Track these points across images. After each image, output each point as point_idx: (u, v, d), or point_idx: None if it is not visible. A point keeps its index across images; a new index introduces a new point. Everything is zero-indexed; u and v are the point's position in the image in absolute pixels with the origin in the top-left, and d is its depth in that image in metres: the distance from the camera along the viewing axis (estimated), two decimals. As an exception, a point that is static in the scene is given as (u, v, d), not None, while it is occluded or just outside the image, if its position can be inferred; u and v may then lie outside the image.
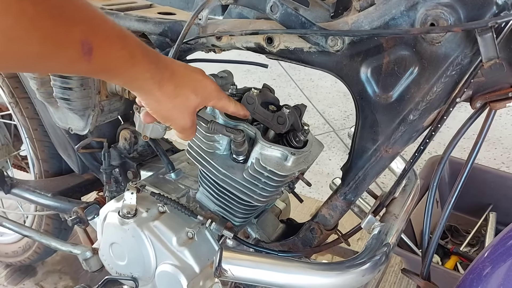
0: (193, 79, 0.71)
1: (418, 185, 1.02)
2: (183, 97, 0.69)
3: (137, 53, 0.59)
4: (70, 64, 0.51)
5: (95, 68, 0.54)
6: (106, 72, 0.58)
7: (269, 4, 0.77)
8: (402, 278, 1.72)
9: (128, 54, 0.58)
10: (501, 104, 0.69)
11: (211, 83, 0.73)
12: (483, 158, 2.46)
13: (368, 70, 0.75)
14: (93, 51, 0.51)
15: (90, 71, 0.55)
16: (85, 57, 0.50)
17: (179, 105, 0.69)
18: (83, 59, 0.50)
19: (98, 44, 0.51)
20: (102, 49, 0.53)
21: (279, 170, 0.79)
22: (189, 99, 0.70)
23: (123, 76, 0.61)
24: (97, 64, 0.53)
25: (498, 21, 0.59)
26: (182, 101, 0.69)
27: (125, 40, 0.58)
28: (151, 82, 0.64)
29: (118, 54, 0.56)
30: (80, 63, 0.51)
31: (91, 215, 1.21)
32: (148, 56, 0.62)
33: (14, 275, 1.75)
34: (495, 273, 0.71)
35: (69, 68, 0.53)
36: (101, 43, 0.52)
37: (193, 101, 0.70)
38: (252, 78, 3.51)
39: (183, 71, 0.70)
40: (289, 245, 0.94)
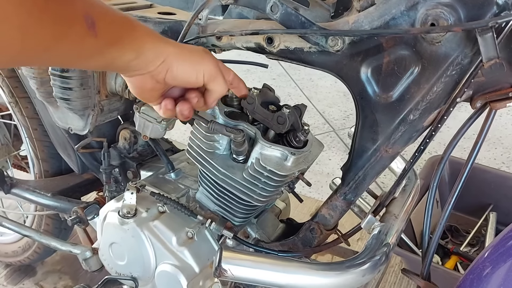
0: (195, 49, 0.71)
1: (418, 185, 1.02)
2: (194, 50, 0.69)
3: (136, 23, 0.62)
4: (80, 42, 0.52)
5: (104, 42, 0.56)
6: (115, 43, 0.58)
7: (269, 4, 0.77)
8: (402, 278, 1.72)
9: (128, 21, 0.60)
10: (501, 104, 0.69)
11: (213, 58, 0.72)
12: (483, 158, 2.46)
13: (368, 70, 0.75)
14: (96, 24, 0.53)
15: (99, 48, 0.56)
16: (90, 31, 0.52)
17: (195, 50, 0.69)
18: (89, 33, 0.52)
19: (98, 17, 0.54)
20: (103, 21, 0.55)
21: (279, 170, 0.79)
22: (199, 51, 0.69)
23: (133, 44, 0.61)
24: (104, 36, 0.55)
25: (499, 21, 0.59)
26: (197, 50, 0.69)
27: (120, 12, 0.60)
28: (163, 43, 0.64)
29: (120, 22, 0.59)
30: (88, 39, 0.53)
31: (91, 215, 1.21)
32: (144, 26, 0.64)
33: (13, 275, 1.75)
34: (495, 273, 0.71)
35: (81, 48, 0.54)
36: (100, 15, 0.54)
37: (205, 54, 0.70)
38: (252, 78, 3.51)
39: (182, 45, 0.70)
40: (289, 245, 0.94)
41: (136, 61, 0.63)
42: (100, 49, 0.57)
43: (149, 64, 0.65)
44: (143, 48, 0.63)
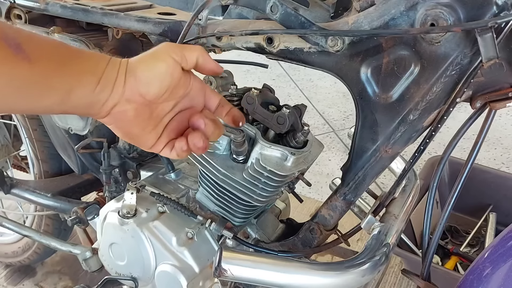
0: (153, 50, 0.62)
1: (418, 185, 1.02)
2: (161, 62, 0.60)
3: (72, 48, 0.54)
4: (9, 67, 0.46)
5: (45, 68, 0.49)
6: (62, 67, 0.51)
7: (269, 4, 0.77)
8: (402, 279, 1.72)
9: (65, 45, 0.53)
10: (501, 104, 0.69)
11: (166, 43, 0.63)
12: (483, 158, 2.46)
13: (368, 70, 0.75)
14: (22, 46, 0.47)
15: (43, 75, 0.49)
16: (18, 54, 0.46)
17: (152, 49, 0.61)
18: (18, 57, 0.46)
19: (23, 39, 0.47)
20: (32, 43, 0.48)
21: (279, 170, 0.79)
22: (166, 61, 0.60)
23: (86, 65, 0.54)
24: (41, 61, 0.48)
25: (498, 21, 0.59)
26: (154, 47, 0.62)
27: (52, 40, 0.53)
28: (113, 57, 0.57)
29: (54, 45, 0.52)
30: (19, 63, 0.46)
31: (90, 215, 1.21)
32: (85, 51, 0.57)
33: (13, 276, 1.75)
34: (495, 273, 0.71)
35: (13, 77, 0.47)
36: (27, 38, 0.48)
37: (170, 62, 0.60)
38: (252, 78, 3.51)
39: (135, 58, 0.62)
40: (289, 245, 0.94)
41: (100, 87, 0.55)
42: (44, 78, 0.50)
43: (116, 84, 0.56)
44: (99, 66, 0.55)
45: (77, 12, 1.07)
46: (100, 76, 0.55)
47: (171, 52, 0.60)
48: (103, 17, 1.04)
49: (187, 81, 0.63)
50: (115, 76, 0.56)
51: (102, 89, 0.55)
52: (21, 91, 0.49)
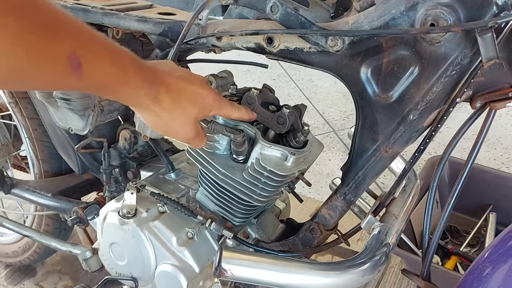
0: (190, 91, 0.70)
1: (418, 185, 1.02)
2: (180, 109, 0.68)
3: (129, 70, 0.58)
4: (59, 80, 0.49)
5: (87, 85, 0.53)
6: (99, 89, 0.57)
7: (269, 4, 0.77)
8: (402, 279, 1.72)
9: (120, 71, 0.57)
10: (501, 104, 0.69)
11: (210, 92, 0.72)
12: (483, 158, 2.46)
13: (368, 70, 0.75)
14: (82, 67, 0.49)
15: (81, 88, 0.54)
16: (74, 73, 0.49)
17: (178, 117, 0.68)
18: (73, 75, 0.49)
19: (87, 60, 0.50)
20: (92, 65, 0.51)
21: (279, 170, 0.79)
22: (187, 111, 0.69)
23: (117, 93, 0.60)
24: (88, 80, 0.52)
25: (498, 21, 0.59)
26: (180, 113, 0.68)
27: (117, 56, 0.56)
28: (146, 99, 0.63)
29: (109, 71, 0.55)
30: (69, 79, 0.49)
31: (91, 215, 1.21)
32: (142, 72, 0.61)
33: (14, 275, 1.75)
34: (495, 273, 0.71)
35: (59, 85, 0.52)
36: (91, 59, 0.51)
37: (192, 112, 0.70)
38: (252, 78, 3.51)
39: (179, 83, 0.68)
40: (289, 245, 0.94)
41: (121, 102, 0.63)
42: (82, 89, 0.55)
43: (133, 108, 0.66)
44: (128, 101, 0.63)
45: (77, 12, 1.07)
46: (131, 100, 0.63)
47: (207, 110, 0.73)
48: (103, 17, 1.04)
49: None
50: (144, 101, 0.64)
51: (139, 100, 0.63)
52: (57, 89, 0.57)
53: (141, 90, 0.61)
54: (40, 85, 0.53)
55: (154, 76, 0.64)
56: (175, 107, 0.67)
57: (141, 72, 0.60)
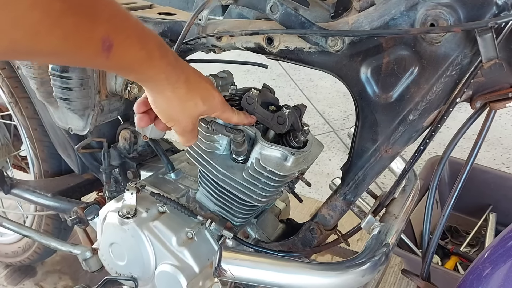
0: (204, 87, 0.72)
1: (418, 185, 1.02)
2: (192, 102, 0.70)
3: (155, 54, 0.60)
4: (88, 59, 0.52)
5: (112, 65, 0.55)
6: (123, 69, 0.59)
7: (269, 4, 0.77)
8: (402, 279, 1.72)
9: (147, 55, 0.58)
10: (501, 104, 0.69)
11: (219, 95, 0.74)
12: (483, 158, 2.46)
13: (368, 70, 0.75)
14: (112, 49, 0.51)
15: (106, 67, 0.56)
16: (104, 53, 0.51)
17: (188, 109, 0.70)
18: (102, 55, 0.51)
19: (118, 43, 0.52)
20: (122, 48, 0.53)
21: (279, 170, 0.79)
22: (197, 105, 0.70)
23: (139, 75, 0.62)
24: (115, 61, 0.54)
25: (498, 22, 0.59)
26: (191, 106, 0.70)
27: (146, 40, 0.58)
28: (165, 83, 0.64)
29: (137, 54, 0.57)
30: (98, 59, 0.51)
31: (91, 215, 1.21)
32: (167, 57, 0.62)
33: (14, 275, 1.75)
34: (495, 274, 0.71)
35: (87, 62, 0.54)
36: (122, 42, 0.53)
37: (200, 108, 0.71)
38: (252, 78, 3.51)
39: (197, 77, 0.71)
40: (288, 245, 0.94)
41: (139, 82, 0.66)
42: (106, 67, 0.57)
43: (148, 90, 0.67)
44: (146, 83, 0.65)
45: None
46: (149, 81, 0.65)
47: (212, 110, 0.74)
48: (103, 17, 1.04)
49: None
50: (163, 85, 0.66)
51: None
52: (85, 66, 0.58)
53: (163, 74, 0.63)
54: (69, 61, 0.55)
55: (177, 63, 0.65)
56: (189, 98, 0.69)
57: (166, 57, 0.62)
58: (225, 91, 0.89)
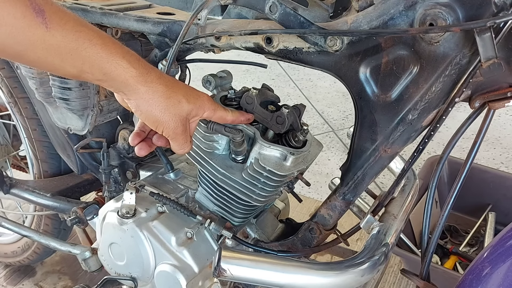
0: (184, 86, 0.71)
1: (417, 185, 1.02)
2: (174, 99, 0.68)
3: (108, 43, 0.60)
4: (26, 25, 0.51)
5: (58, 41, 0.54)
6: (74, 52, 0.56)
7: (268, 4, 0.77)
8: (402, 278, 1.72)
9: (96, 35, 0.58)
10: (500, 103, 0.69)
11: (204, 94, 0.73)
12: (482, 158, 2.46)
13: (367, 70, 0.75)
14: (45, 14, 0.51)
15: (54, 45, 0.54)
16: (38, 18, 0.50)
17: (171, 107, 0.68)
18: (37, 21, 0.51)
19: (49, 9, 0.52)
20: (57, 17, 0.53)
21: (278, 170, 0.79)
22: (181, 103, 0.69)
23: (99, 66, 0.60)
24: (58, 34, 0.53)
25: (497, 21, 0.59)
26: (174, 103, 0.68)
27: (85, 24, 0.58)
28: (136, 80, 0.63)
29: (78, 30, 0.56)
30: (37, 27, 0.51)
31: (90, 215, 1.21)
32: (128, 53, 0.62)
33: (13, 275, 1.75)
34: (494, 273, 0.71)
35: (27, 31, 0.52)
36: (53, 10, 0.53)
37: (185, 106, 0.69)
38: (251, 78, 3.51)
39: (171, 77, 0.70)
40: (288, 245, 0.94)
41: (110, 83, 0.63)
42: (54, 48, 0.55)
43: (123, 93, 0.65)
44: (116, 80, 0.63)
45: (76, 12, 1.07)
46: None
47: (200, 110, 0.73)
48: (102, 17, 1.04)
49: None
50: (135, 82, 0.64)
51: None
52: (40, 52, 0.54)
53: (131, 68, 0.62)
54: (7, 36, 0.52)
55: (144, 62, 0.65)
56: (169, 94, 0.67)
57: (128, 53, 0.62)
58: (224, 91, 0.89)
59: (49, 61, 0.56)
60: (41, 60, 0.56)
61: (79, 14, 1.07)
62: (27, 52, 0.54)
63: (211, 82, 0.96)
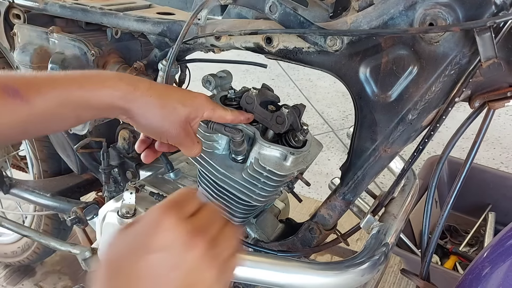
0: (178, 91, 0.71)
1: (417, 185, 1.02)
2: (170, 107, 0.68)
3: (83, 81, 0.62)
4: (11, 111, 0.54)
5: (43, 107, 0.57)
6: (61, 106, 0.59)
7: (268, 4, 0.77)
8: (402, 278, 1.72)
9: (70, 80, 0.60)
10: (500, 103, 0.69)
11: (200, 94, 0.73)
12: (482, 158, 2.46)
13: (367, 69, 0.75)
14: (20, 91, 0.54)
15: (42, 111, 0.57)
16: (16, 99, 0.54)
17: (168, 115, 0.68)
18: (17, 102, 0.54)
19: (22, 85, 0.55)
20: (31, 88, 0.56)
21: (278, 170, 0.79)
22: (177, 109, 0.69)
23: (87, 105, 0.62)
24: (39, 102, 0.56)
25: (497, 21, 0.59)
26: (170, 111, 0.68)
27: (57, 77, 0.61)
28: (124, 100, 0.64)
29: (53, 86, 0.59)
30: (19, 106, 0.54)
31: (90, 215, 1.20)
32: (108, 78, 0.64)
33: (13, 276, 1.75)
34: (494, 273, 0.71)
35: (13, 115, 0.55)
36: (24, 83, 0.56)
37: (182, 111, 0.69)
38: (251, 78, 3.51)
39: (162, 85, 0.71)
40: (288, 245, 0.94)
41: (106, 112, 0.65)
42: (46, 115, 0.58)
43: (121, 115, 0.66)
44: (112, 107, 0.64)
45: (76, 12, 1.07)
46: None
47: (199, 111, 0.72)
48: (102, 17, 1.04)
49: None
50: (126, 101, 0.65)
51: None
52: (37, 123, 0.58)
53: (113, 97, 0.63)
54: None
55: (122, 81, 0.65)
56: (164, 103, 0.67)
57: (100, 79, 0.64)
58: (224, 91, 0.89)
59: (48, 125, 0.60)
60: (42, 127, 0.60)
61: (79, 14, 1.07)
62: (27, 128, 0.58)
63: (211, 82, 0.96)
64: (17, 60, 1.15)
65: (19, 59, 1.14)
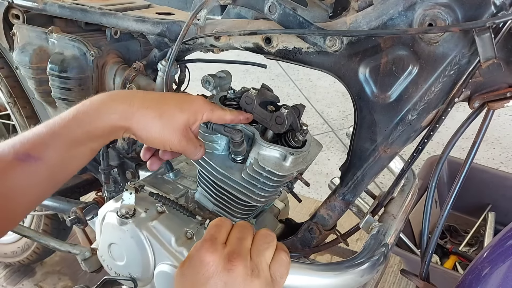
0: (174, 96, 0.72)
1: (416, 185, 1.02)
2: (168, 115, 0.69)
3: (79, 116, 0.65)
4: (30, 176, 0.58)
5: (56, 156, 0.61)
6: (70, 147, 0.62)
7: (267, 4, 0.77)
8: (401, 278, 1.72)
9: (66, 121, 0.63)
10: (499, 104, 0.69)
11: (197, 97, 0.73)
12: (481, 158, 2.46)
13: (366, 70, 0.75)
14: (31, 153, 0.57)
15: (58, 161, 0.61)
16: (30, 161, 0.57)
17: (167, 124, 0.69)
18: (31, 163, 0.57)
19: (30, 146, 0.58)
20: (39, 146, 0.59)
21: (278, 170, 0.79)
22: (175, 116, 0.69)
23: (93, 135, 0.65)
24: (51, 154, 0.60)
25: (496, 21, 0.59)
26: (168, 119, 0.69)
27: (57, 123, 0.63)
28: (122, 120, 0.66)
29: (57, 132, 0.62)
30: (36, 167, 0.58)
31: (89, 215, 1.20)
32: (102, 104, 0.66)
33: (13, 276, 1.75)
34: (494, 273, 0.71)
35: (35, 178, 0.59)
36: (33, 143, 0.59)
37: (180, 118, 0.70)
38: (251, 78, 3.51)
39: (157, 93, 0.72)
40: (287, 245, 0.94)
41: (114, 131, 0.68)
42: (61, 159, 0.61)
43: (126, 131, 0.68)
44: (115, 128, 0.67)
45: (75, 12, 1.07)
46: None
47: (198, 114, 0.73)
48: (101, 17, 1.04)
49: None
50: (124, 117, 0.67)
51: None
52: (58, 173, 0.62)
53: (111, 120, 0.65)
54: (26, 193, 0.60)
55: (114, 101, 0.67)
56: (161, 112, 0.68)
57: (92, 107, 0.66)
58: (224, 91, 0.89)
59: (69, 168, 0.64)
60: (66, 172, 0.64)
61: (78, 14, 1.07)
62: (54, 179, 0.62)
63: (211, 82, 0.96)
64: (16, 60, 1.15)
65: (18, 59, 1.14)
